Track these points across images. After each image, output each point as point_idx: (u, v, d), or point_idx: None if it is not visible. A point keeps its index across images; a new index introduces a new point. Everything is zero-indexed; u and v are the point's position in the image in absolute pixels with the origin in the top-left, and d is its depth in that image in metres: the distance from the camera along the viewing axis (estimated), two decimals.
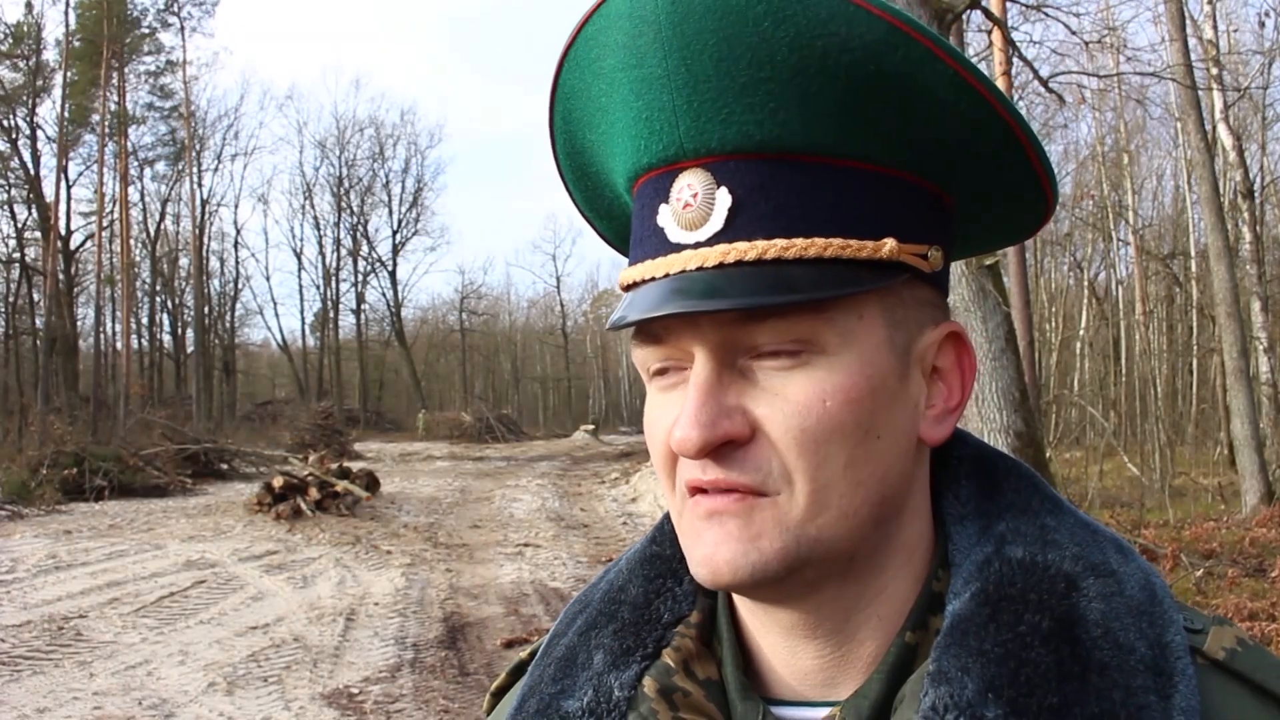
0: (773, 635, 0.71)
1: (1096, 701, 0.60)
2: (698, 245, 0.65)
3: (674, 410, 0.66)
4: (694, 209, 0.65)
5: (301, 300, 65.48)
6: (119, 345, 36.68)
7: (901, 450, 0.68)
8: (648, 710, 0.70)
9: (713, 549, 0.65)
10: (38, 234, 37.90)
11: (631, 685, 0.71)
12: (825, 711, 0.69)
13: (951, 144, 0.68)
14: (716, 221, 0.65)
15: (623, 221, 0.79)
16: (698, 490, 0.66)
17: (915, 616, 0.69)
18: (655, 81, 0.65)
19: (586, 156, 0.75)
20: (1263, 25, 18.46)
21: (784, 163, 0.65)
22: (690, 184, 0.66)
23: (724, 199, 0.65)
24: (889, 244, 0.65)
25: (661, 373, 0.69)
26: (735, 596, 0.74)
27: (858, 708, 0.66)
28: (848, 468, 0.64)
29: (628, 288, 0.71)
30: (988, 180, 0.71)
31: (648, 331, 0.68)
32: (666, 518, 0.81)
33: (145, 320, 45.66)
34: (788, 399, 0.63)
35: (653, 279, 0.67)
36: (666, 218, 0.67)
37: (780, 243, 0.63)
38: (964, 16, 7.87)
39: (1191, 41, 14.18)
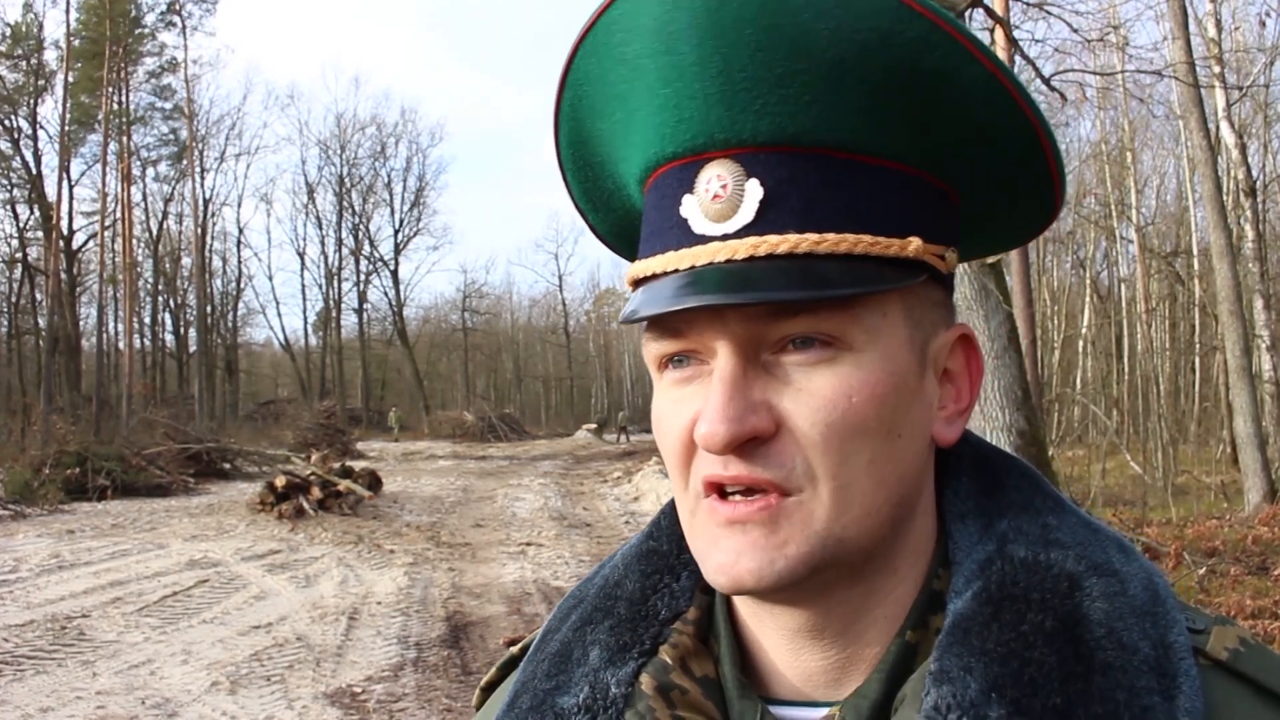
0: (775, 635, 0.71)
1: (1100, 702, 0.59)
2: (725, 237, 0.64)
3: (690, 405, 0.65)
4: (723, 200, 0.64)
5: (304, 300, 64.39)
6: (121, 345, 36.70)
7: (919, 449, 0.68)
8: (645, 708, 0.69)
9: (734, 558, 0.63)
10: (40, 234, 38.02)
11: (628, 682, 0.70)
12: (824, 711, 0.68)
13: (974, 145, 0.67)
14: (747, 213, 0.63)
15: (620, 214, 0.78)
16: (714, 489, 0.64)
17: (915, 615, 0.68)
18: (687, 69, 0.63)
19: (592, 146, 0.73)
20: (1264, 25, 18.45)
21: (814, 156, 0.64)
22: (719, 174, 0.64)
23: (755, 190, 0.63)
24: (915, 243, 0.64)
25: (675, 364, 0.67)
26: (737, 596, 0.73)
27: (857, 707, 0.66)
28: (871, 465, 0.63)
29: (640, 281, 0.68)
30: (1001, 183, 0.70)
31: (666, 325, 0.66)
32: (663, 513, 0.80)
33: (148, 320, 45.81)
34: (813, 394, 0.63)
35: (675, 271, 0.65)
36: (692, 208, 0.65)
37: (812, 236, 0.62)
38: (966, 15, 7.88)
39: (1194, 40, 14.17)
